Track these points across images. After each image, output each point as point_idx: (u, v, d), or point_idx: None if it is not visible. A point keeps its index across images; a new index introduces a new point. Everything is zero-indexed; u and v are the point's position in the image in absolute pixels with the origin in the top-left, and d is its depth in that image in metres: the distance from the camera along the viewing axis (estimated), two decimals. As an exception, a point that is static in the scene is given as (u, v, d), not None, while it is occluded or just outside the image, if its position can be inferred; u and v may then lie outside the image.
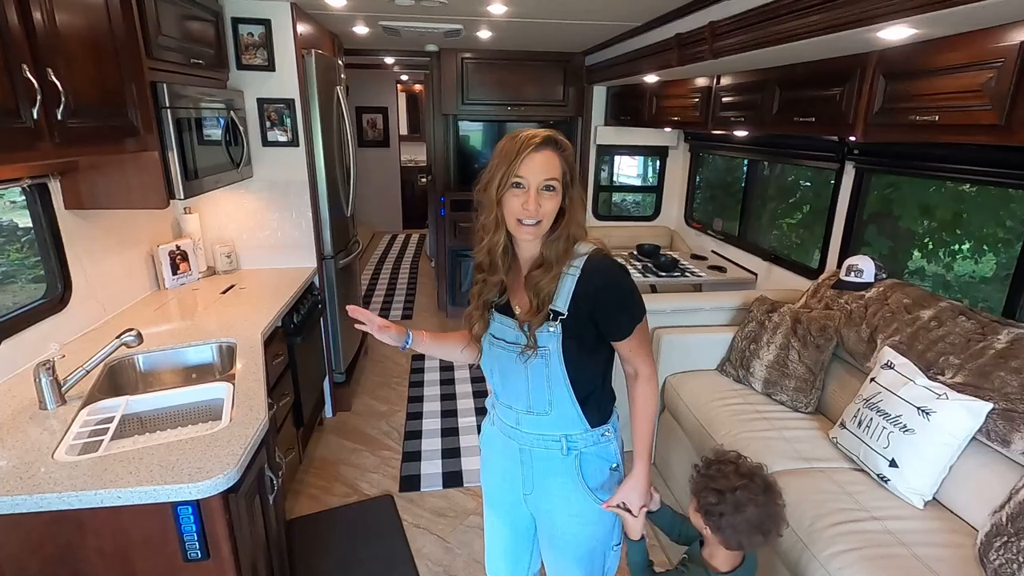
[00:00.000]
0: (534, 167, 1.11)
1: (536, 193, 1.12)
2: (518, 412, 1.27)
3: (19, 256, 1.94)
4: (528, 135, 1.13)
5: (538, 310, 1.17)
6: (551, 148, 1.13)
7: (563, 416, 1.23)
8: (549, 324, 1.17)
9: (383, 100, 7.76)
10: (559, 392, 1.21)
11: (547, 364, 1.19)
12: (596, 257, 1.18)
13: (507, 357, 1.23)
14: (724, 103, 2.79)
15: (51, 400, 1.48)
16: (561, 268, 1.16)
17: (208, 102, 2.20)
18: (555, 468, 1.27)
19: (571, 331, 1.17)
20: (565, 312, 1.16)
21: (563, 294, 1.17)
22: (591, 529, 1.30)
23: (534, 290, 1.17)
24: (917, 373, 1.79)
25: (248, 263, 2.87)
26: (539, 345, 1.17)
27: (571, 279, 1.17)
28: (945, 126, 1.54)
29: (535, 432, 1.26)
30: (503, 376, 1.27)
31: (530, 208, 1.11)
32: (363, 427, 3.06)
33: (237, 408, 1.49)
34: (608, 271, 1.18)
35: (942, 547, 1.50)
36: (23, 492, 1.15)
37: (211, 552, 1.26)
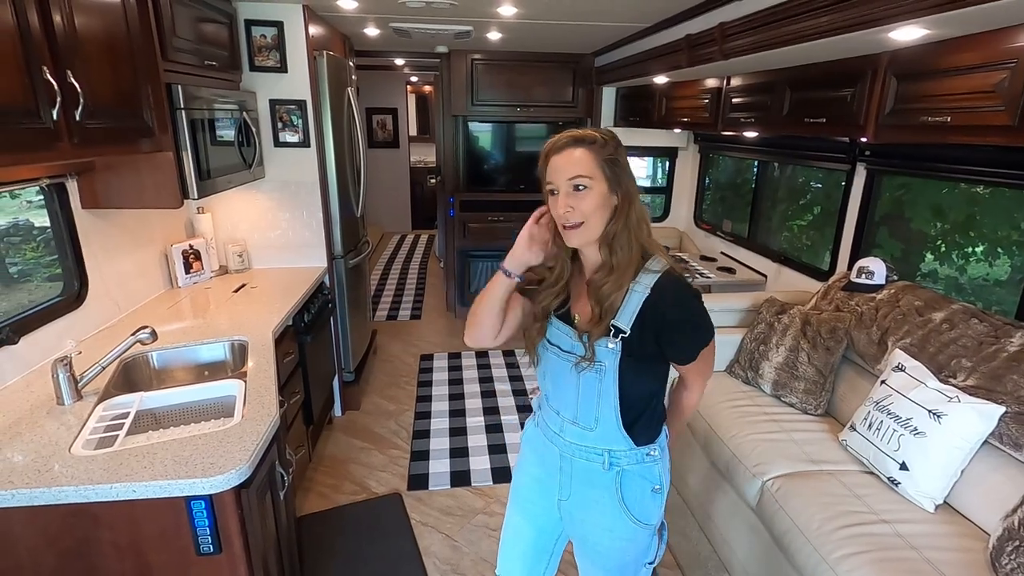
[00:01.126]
0: (558, 168, 1.10)
1: (566, 194, 1.09)
2: (564, 420, 1.24)
3: (35, 255, 1.97)
4: (554, 138, 1.12)
5: (599, 319, 1.12)
6: (576, 145, 1.09)
7: (607, 433, 1.19)
8: (609, 340, 1.12)
9: (393, 101, 7.80)
10: (606, 411, 1.17)
11: (600, 380, 1.15)
12: (668, 278, 1.12)
13: (560, 364, 1.20)
14: (734, 104, 2.78)
15: (68, 395, 1.51)
16: (627, 275, 1.11)
17: (221, 103, 2.23)
18: (594, 480, 1.23)
19: (631, 350, 1.12)
20: (627, 330, 1.11)
21: (628, 311, 1.11)
22: (624, 544, 1.26)
23: (597, 296, 1.13)
24: (928, 376, 1.77)
25: (259, 262, 2.90)
26: (596, 360, 1.13)
27: (638, 296, 1.11)
28: (957, 127, 1.53)
29: (578, 443, 1.23)
30: (554, 382, 1.24)
31: (559, 210, 1.09)
32: (372, 426, 3.08)
33: (249, 405, 1.51)
34: (680, 296, 1.12)
35: (953, 551, 1.49)
36: (41, 485, 1.17)
37: (223, 546, 1.27)
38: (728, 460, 2.02)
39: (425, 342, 4.26)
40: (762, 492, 1.83)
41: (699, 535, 2.24)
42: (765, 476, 1.85)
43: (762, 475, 1.86)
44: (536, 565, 1.45)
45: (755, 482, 1.86)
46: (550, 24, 3.04)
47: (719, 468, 2.10)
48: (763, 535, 1.84)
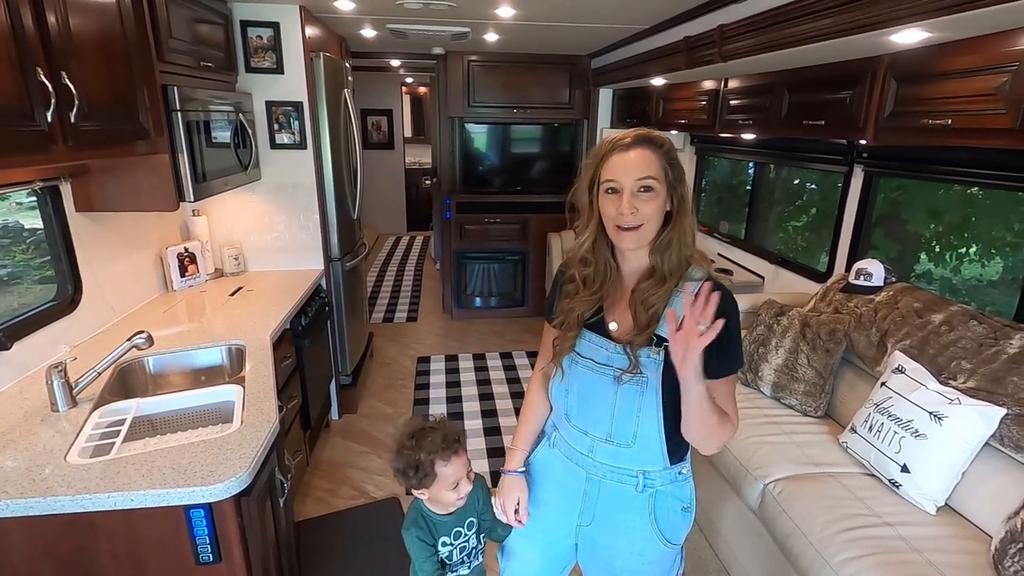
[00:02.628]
0: (626, 167, 1.05)
1: (631, 195, 1.04)
2: (594, 440, 1.16)
3: (25, 257, 1.94)
4: (620, 136, 1.07)
5: (645, 327, 1.08)
6: (644, 146, 1.05)
7: (645, 450, 1.13)
8: (652, 349, 1.07)
9: (388, 102, 7.78)
10: (648, 424, 1.11)
11: (642, 393, 1.10)
12: (713, 284, 1.06)
13: (593, 379, 1.14)
14: (732, 106, 2.78)
15: (63, 402, 1.48)
16: (675, 283, 1.07)
17: (217, 105, 2.21)
18: (625, 504, 1.18)
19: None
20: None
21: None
22: (652, 568, 1.21)
23: (643, 304, 1.08)
24: (929, 378, 1.78)
25: (255, 265, 2.88)
26: (641, 369, 1.08)
27: (684, 306, 1.04)
28: (958, 130, 1.53)
29: (610, 464, 1.16)
30: (583, 399, 1.16)
31: (624, 211, 1.04)
32: (369, 429, 3.06)
33: (248, 411, 1.49)
34: (726, 305, 1.03)
35: (956, 553, 1.49)
36: (37, 495, 1.15)
37: (223, 555, 1.26)
38: (729, 463, 2.01)
39: (422, 344, 4.24)
40: (764, 495, 1.83)
41: (700, 538, 2.24)
42: (767, 479, 1.84)
43: (763, 478, 1.85)
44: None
45: (757, 485, 1.86)
46: (548, 26, 3.03)
47: (720, 471, 2.09)
48: (765, 538, 1.84)
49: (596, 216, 1.11)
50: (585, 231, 1.13)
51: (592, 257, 1.14)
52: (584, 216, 1.13)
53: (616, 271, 1.16)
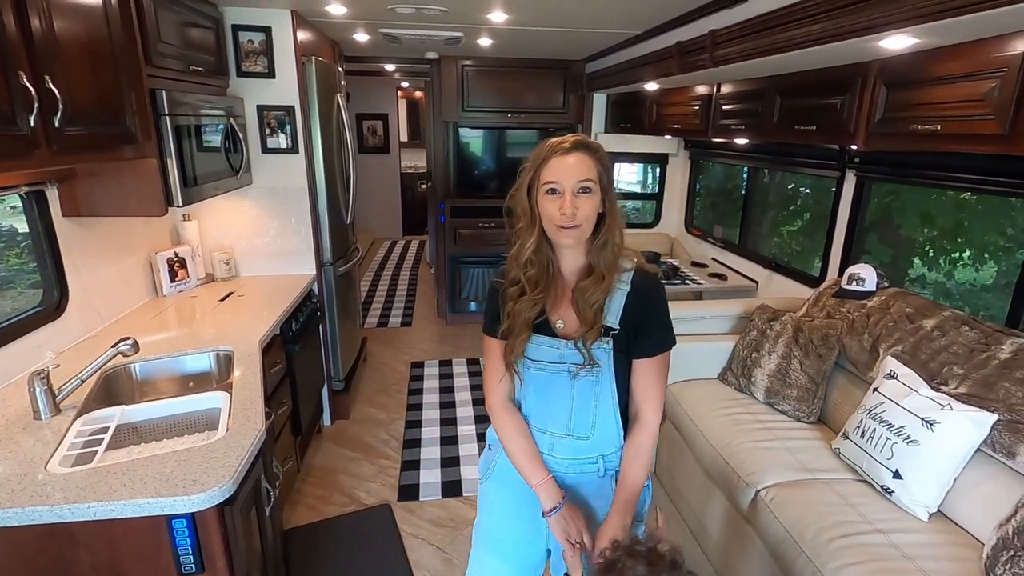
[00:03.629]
0: (567, 170, 1.10)
1: (572, 196, 1.10)
2: (553, 437, 1.21)
3: (18, 261, 1.92)
4: (559, 139, 1.13)
5: (592, 323, 1.14)
6: (582, 150, 1.12)
7: (604, 436, 1.20)
8: (602, 340, 1.14)
9: (383, 107, 7.77)
10: (605, 411, 1.18)
11: (597, 382, 1.16)
12: (643, 272, 1.19)
13: (548, 379, 1.19)
14: (724, 111, 2.79)
15: (45, 410, 1.46)
16: (612, 278, 1.15)
17: (208, 109, 2.20)
18: (590, 492, 1.23)
19: (621, 347, 1.15)
20: (618, 327, 1.15)
21: (614, 309, 1.15)
22: None
23: (586, 301, 1.14)
24: (920, 383, 1.77)
25: (247, 270, 2.86)
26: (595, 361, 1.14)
27: (622, 293, 1.15)
28: (947, 136, 1.53)
29: (570, 457, 1.22)
30: (540, 399, 1.21)
31: (567, 211, 1.09)
32: (362, 435, 3.03)
33: (234, 418, 1.47)
34: (657, 288, 1.19)
35: (947, 561, 1.48)
36: (15, 505, 1.13)
37: (206, 566, 1.24)
38: (721, 469, 2.00)
39: (416, 349, 4.22)
40: (756, 501, 1.82)
41: (692, 544, 2.22)
42: (759, 485, 1.83)
43: (756, 484, 1.84)
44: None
45: (749, 491, 1.85)
46: (541, 31, 3.03)
47: (712, 477, 2.08)
48: (757, 544, 1.82)
49: (537, 218, 1.14)
50: (527, 234, 1.16)
51: (536, 258, 1.17)
52: (525, 219, 1.16)
53: (557, 272, 1.20)
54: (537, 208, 1.13)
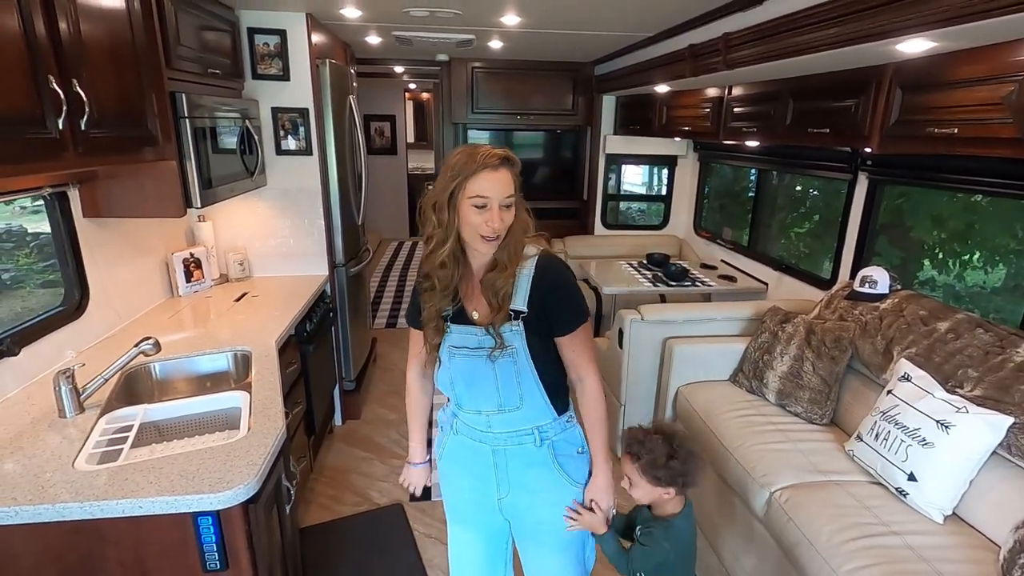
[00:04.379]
0: (496, 186, 1.15)
1: (500, 210, 1.16)
2: (488, 414, 1.29)
3: (28, 261, 1.95)
4: (486, 152, 1.16)
5: (499, 309, 1.22)
6: (507, 167, 1.17)
7: (533, 408, 1.27)
8: (512, 324, 1.22)
9: (391, 108, 7.80)
10: (528, 385, 1.26)
11: (515, 361, 1.24)
12: (546, 258, 1.26)
13: (470, 364, 1.26)
14: (736, 113, 2.80)
15: (70, 408, 1.48)
16: (515, 267, 1.22)
17: (224, 111, 2.22)
18: (531, 460, 1.31)
19: (532, 327, 1.23)
20: (526, 310, 1.22)
21: (520, 293, 1.23)
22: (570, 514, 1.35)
23: (492, 290, 1.22)
24: (935, 386, 1.77)
25: (260, 271, 2.88)
26: (506, 344, 1.22)
27: (526, 278, 1.23)
28: (964, 139, 1.53)
29: (508, 430, 1.29)
30: (468, 383, 1.28)
31: (495, 225, 1.16)
32: (373, 435, 3.05)
33: (255, 417, 1.49)
34: (559, 271, 1.27)
35: (964, 563, 1.49)
36: (45, 501, 1.15)
37: (230, 563, 1.25)
38: (734, 470, 2.01)
39: (425, 350, 4.23)
40: (770, 503, 1.82)
41: (705, 547, 2.23)
42: (773, 487, 1.84)
43: (770, 486, 1.85)
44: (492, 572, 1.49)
45: (763, 493, 1.85)
46: (553, 33, 3.05)
47: (725, 479, 2.09)
48: (771, 547, 1.83)
49: (455, 225, 1.19)
50: (441, 240, 1.20)
51: (448, 260, 1.22)
52: (443, 226, 1.19)
53: (466, 267, 1.27)
54: (457, 216, 1.17)
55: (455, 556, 1.51)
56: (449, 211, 1.17)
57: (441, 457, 1.43)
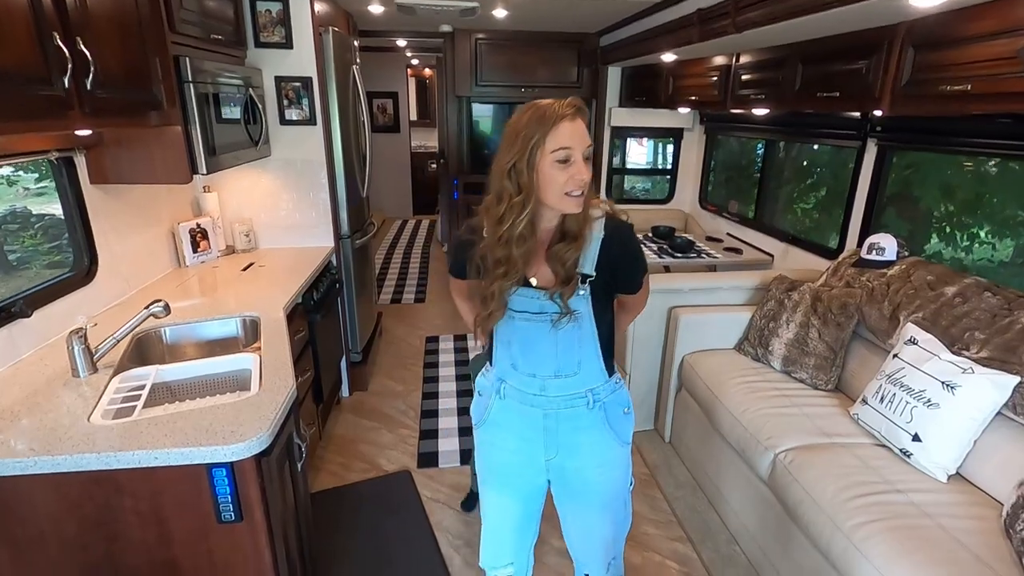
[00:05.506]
0: (576, 136, 1.09)
1: (585, 162, 1.11)
2: (543, 378, 1.27)
3: (33, 242, 1.95)
4: (559, 103, 1.09)
5: (567, 280, 1.18)
6: (583, 115, 1.12)
7: (590, 372, 1.27)
8: (579, 288, 1.19)
9: (393, 85, 7.73)
10: (588, 350, 1.25)
11: (579, 327, 1.22)
12: (613, 220, 1.23)
13: (530, 328, 1.23)
14: (743, 81, 2.76)
15: (83, 368, 1.50)
16: (584, 237, 1.18)
17: (228, 78, 2.20)
18: (582, 424, 1.29)
19: (597, 291, 1.21)
20: (594, 274, 1.20)
21: (590, 257, 1.19)
22: (615, 474, 1.36)
23: (560, 262, 1.17)
24: (941, 348, 1.78)
25: (266, 242, 2.89)
26: (572, 310, 1.19)
27: (596, 241, 1.20)
28: (977, 96, 1.51)
29: (562, 394, 1.27)
30: (525, 346, 1.26)
31: (584, 176, 1.10)
32: (380, 406, 3.08)
33: (265, 378, 1.51)
34: (627, 233, 1.24)
35: (967, 519, 1.50)
36: (63, 452, 1.17)
37: (244, 515, 1.28)
38: (740, 434, 2.03)
39: (430, 324, 4.26)
40: (774, 465, 1.84)
41: (708, 509, 2.26)
42: (777, 449, 1.86)
43: (774, 448, 1.87)
44: (524, 539, 1.47)
45: (767, 455, 1.87)
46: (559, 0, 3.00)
47: (730, 443, 2.11)
48: (774, 507, 1.85)
49: (535, 189, 1.11)
50: (519, 209, 1.12)
51: (527, 232, 1.15)
52: (521, 192, 1.11)
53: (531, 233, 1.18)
54: (537, 178, 1.10)
55: (490, 519, 1.46)
56: (528, 174, 1.09)
57: (484, 422, 1.39)
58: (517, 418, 1.32)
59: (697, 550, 2.08)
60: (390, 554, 2.05)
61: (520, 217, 1.12)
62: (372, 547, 2.08)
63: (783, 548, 1.81)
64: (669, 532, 2.17)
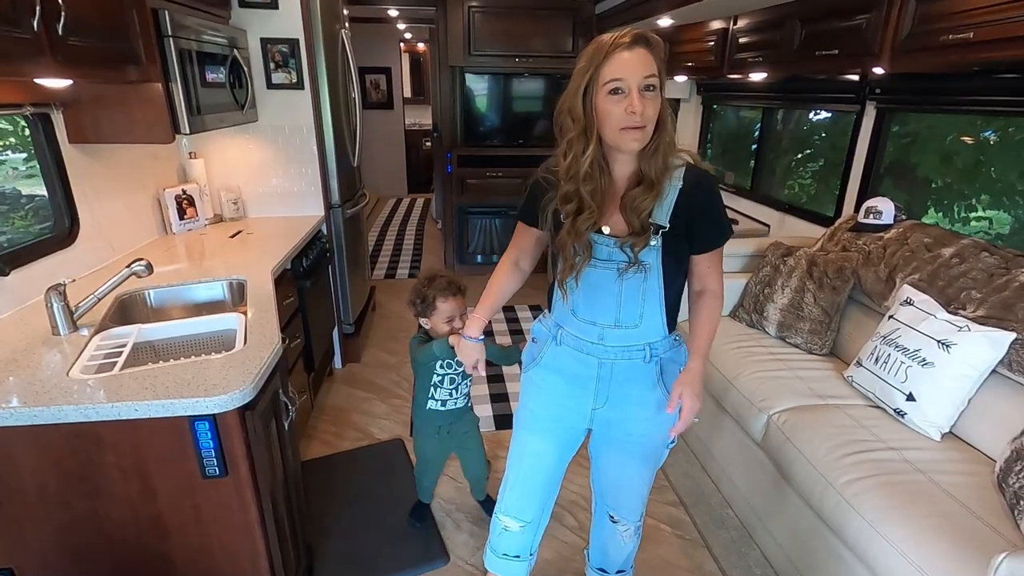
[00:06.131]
0: (632, 65, 1.03)
1: (639, 94, 1.03)
2: (603, 327, 1.23)
3: (24, 224, 1.91)
4: (619, 34, 1.04)
5: (641, 231, 1.13)
6: (643, 45, 1.04)
7: (651, 326, 1.23)
8: (651, 239, 1.13)
9: (386, 60, 7.60)
10: (652, 304, 1.20)
11: (644, 279, 1.17)
12: (696, 170, 1.15)
13: (595, 275, 1.19)
14: (741, 44, 2.70)
15: (63, 326, 1.47)
16: (662, 185, 1.12)
17: (211, 36, 2.14)
18: (636, 376, 1.26)
19: (670, 244, 1.15)
20: (667, 225, 1.14)
21: (665, 207, 1.13)
22: (659, 429, 1.32)
23: (635, 211, 1.12)
24: (937, 308, 1.76)
25: (255, 211, 2.84)
26: (640, 262, 1.15)
27: (673, 191, 1.13)
28: (980, 43, 1.47)
29: (620, 344, 1.24)
30: (588, 293, 1.22)
31: (636, 108, 1.03)
32: (373, 377, 3.07)
33: (250, 336, 1.48)
34: (710, 185, 1.16)
35: (960, 475, 1.50)
36: (40, 404, 1.14)
37: (229, 469, 1.26)
38: (733, 398, 2.01)
39: (424, 299, 4.22)
40: (768, 426, 1.83)
41: (701, 473, 2.26)
42: (771, 410, 1.85)
43: (768, 409, 1.85)
44: (551, 491, 1.44)
45: (761, 416, 1.86)
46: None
47: (724, 407, 2.10)
48: (767, 469, 1.85)
49: (594, 123, 1.08)
50: (582, 142, 1.11)
51: (593, 171, 1.12)
52: (578, 126, 1.10)
53: (607, 179, 1.16)
54: (594, 112, 1.07)
55: (524, 465, 1.40)
56: (586, 110, 1.07)
57: (537, 365, 1.36)
58: (571, 364, 1.30)
59: (690, 513, 2.08)
60: (382, 519, 2.04)
61: (585, 154, 1.10)
62: (364, 512, 2.07)
63: (775, 509, 1.80)
64: (662, 497, 2.16)
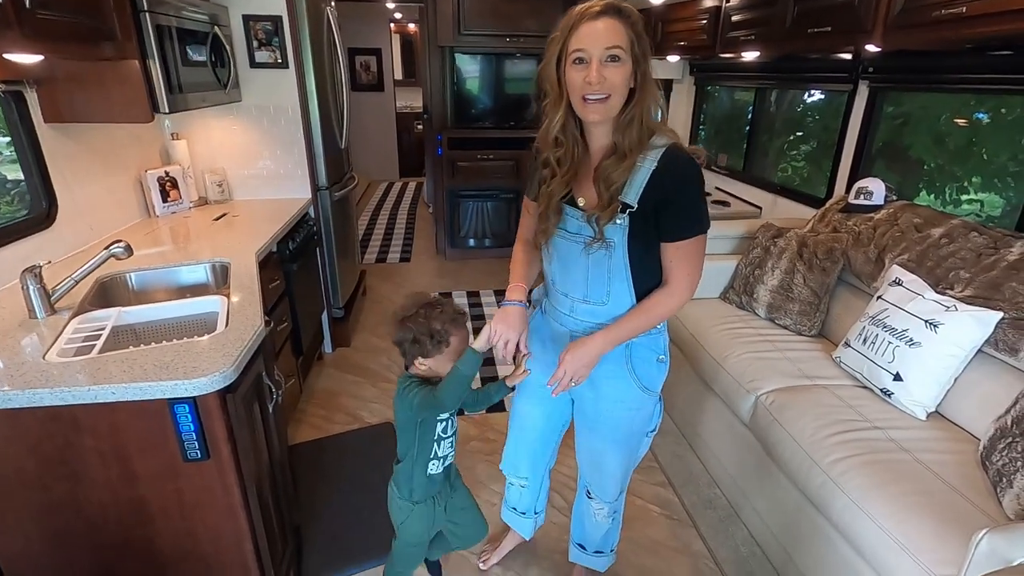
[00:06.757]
0: (595, 36, 1.03)
1: (599, 64, 1.03)
2: (573, 300, 1.26)
3: (10, 209, 1.86)
4: (587, 4, 1.05)
5: (608, 204, 1.11)
6: (612, 15, 1.04)
7: (619, 307, 1.21)
8: (617, 216, 1.12)
9: (376, 41, 7.47)
10: (618, 284, 1.19)
11: (610, 257, 1.16)
12: (674, 151, 1.11)
13: (567, 247, 1.21)
14: (734, 22, 2.66)
15: (40, 309, 1.44)
16: (635, 158, 1.09)
17: (191, 12, 2.08)
18: (606, 356, 1.23)
19: (638, 227, 1.13)
20: (635, 205, 1.11)
21: (635, 186, 1.11)
22: (632, 414, 1.33)
23: (605, 181, 1.11)
24: (926, 288, 1.76)
25: (240, 194, 2.80)
26: (605, 238, 1.14)
27: (645, 171, 1.10)
28: (973, 17, 1.45)
29: (589, 320, 1.25)
30: (562, 265, 1.25)
31: (592, 78, 1.03)
32: (363, 361, 3.05)
33: (233, 318, 1.45)
34: (687, 171, 1.11)
35: (945, 453, 1.51)
36: (15, 388, 1.12)
37: (211, 452, 1.24)
38: (722, 379, 2.01)
39: (415, 283, 4.20)
40: (756, 406, 1.83)
41: (689, 454, 2.27)
42: (759, 391, 1.85)
43: (756, 390, 1.85)
44: (541, 453, 1.53)
45: (749, 397, 1.86)
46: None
47: (713, 389, 2.10)
48: (754, 449, 1.85)
49: (564, 92, 1.10)
50: (555, 110, 1.13)
51: (563, 137, 1.15)
52: (553, 94, 1.11)
53: (584, 150, 1.18)
54: (564, 80, 1.08)
55: (516, 432, 1.56)
56: (560, 79, 1.08)
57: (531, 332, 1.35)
58: (551, 334, 1.35)
59: (678, 493, 2.09)
60: (373, 502, 2.04)
61: (555, 119, 1.12)
62: (353, 496, 2.07)
63: (762, 488, 1.81)
64: (651, 477, 2.17)
